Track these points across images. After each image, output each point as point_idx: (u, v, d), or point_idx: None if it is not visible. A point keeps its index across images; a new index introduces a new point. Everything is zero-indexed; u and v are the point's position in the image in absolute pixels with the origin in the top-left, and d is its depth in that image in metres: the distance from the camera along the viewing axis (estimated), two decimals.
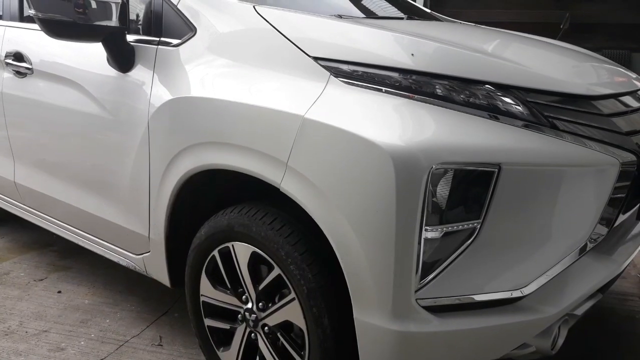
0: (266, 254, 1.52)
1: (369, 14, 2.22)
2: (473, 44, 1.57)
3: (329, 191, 1.32)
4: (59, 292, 2.51)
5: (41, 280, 2.63)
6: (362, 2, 2.42)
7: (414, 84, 1.32)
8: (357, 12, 2.20)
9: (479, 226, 1.29)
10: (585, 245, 1.44)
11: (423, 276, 1.27)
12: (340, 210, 1.30)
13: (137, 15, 1.90)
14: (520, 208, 1.32)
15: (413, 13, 2.32)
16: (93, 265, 2.75)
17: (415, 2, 5.67)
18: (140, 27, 1.86)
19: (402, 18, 2.07)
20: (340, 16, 1.72)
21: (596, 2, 6.21)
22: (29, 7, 1.75)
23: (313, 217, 1.37)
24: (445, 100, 1.30)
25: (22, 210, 2.61)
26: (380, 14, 2.22)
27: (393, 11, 2.37)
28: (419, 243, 1.25)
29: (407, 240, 1.24)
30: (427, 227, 1.24)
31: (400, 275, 1.26)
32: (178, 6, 1.73)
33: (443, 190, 1.25)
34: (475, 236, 1.29)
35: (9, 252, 2.95)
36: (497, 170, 1.26)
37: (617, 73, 1.78)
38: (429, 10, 2.65)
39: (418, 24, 1.94)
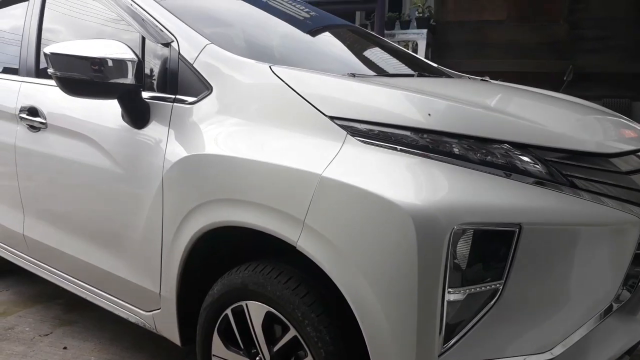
0: (281, 314, 1.49)
1: (380, 71, 2.25)
2: (487, 102, 1.58)
3: (347, 251, 1.30)
4: (65, 348, 2.45)
5: (46, 335, 2.57)
6: (372, 60, 2.47)
7: (431, 143, 1.33)
8: (367, 70, 2.23)
9: (501, 287, 1.27)
10: (611, 306, 1.41)
11: (446, 339, 1.24)
12: (359, 271, 1.28)
13: (153, 73, 1.93)
14: (542, 268, 1.30)
15: (422, 69, 2.36)
16: (99, 320, 2.70)
17: (417, 53, 5.80)
18: (155, 84, 1.89)
19: (412, 75, 2.10)
20: (353, 75, 1.74)
21: (596, 52, 6.33)
22: (48, 65, 1.79)
23: (331, 277, 1.35)
24: (463, 160, 1.30)
25: (29, 263, 2.58)
26: (390, 71, 2.25)
27: (403, 68, 2.41)
28: (442, 305, 1.22)
29: (430, 303, 1.21)
30: (450, 290, 1.22)
31: (423, 339, 1.23)
32: (194, 65, 1.75)
33: (464, 251, 1.23)
34: (498, 297, 1.27)
35: (14, 306, 2.90)
36: (517, 230, 1.25)
37: (631, 129, 1.79)
38: (436, 65, 2.70)
39: (430, 82, 1.96)
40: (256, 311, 1.57)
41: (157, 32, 1.88)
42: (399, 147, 1.33)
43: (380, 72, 2.25)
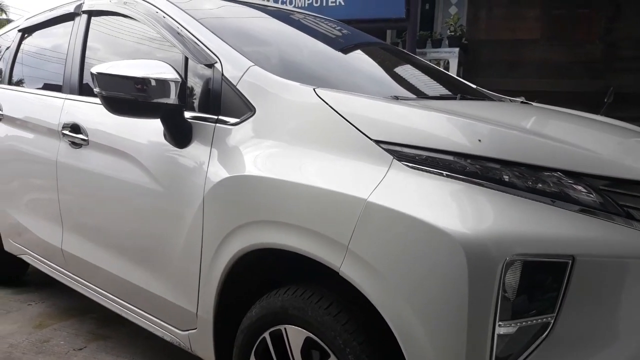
0: (322, 340, 1.47)
1: (420, 93, 2.23)
2: (536, 128, 1.55)
3: (393, 279, 1.28)
4: None
5: (80, 349, 2.59)
6: (410, 80, 2.45)
7: (480, 170, 1.30)
8: (407, 91, 2.21)
9: (552, 320, 1.22)
10: None
11: None
12: (405, 301, 1.26)
13: (196, 93, 1.95)
14: (595, 301, 1.26)
15: (462, 91, 2.33)
16: (132, 336, 2.71)
17: (448, 71, 5.77)
18: (198, 104, 1.91)
19: (454, 98, 2.07)
20: (396, 97, 1.73)
21: (632, 72, 6.21)
22: (94, 85, 1.82)
23: (375, 305, 1.32)
24: (514, 188, 1.27)
25: (66, 277, 2.62)
26: (430, 93, 2.23)
27: (443, 90, 2.38)
28: (492, 338, 1.18)
29: (480, 336, 1.18)
30: (501, 323, 1.18)
31: None
32: (237, 86, 1.76)
33: (515, 282, 1.19)
34: (549, 331, 1.22)
35: (50, 318, 2.94)
36: (570, 261, 1.21)
37: None
38: (475, 86, 2.67)
39: (474, 105, 1.93)
40: (295, 336, 1.55)
41: (200, 53, 1.90)
42: (445, 173, 1.30)
43: (421, 94, 2.23)
